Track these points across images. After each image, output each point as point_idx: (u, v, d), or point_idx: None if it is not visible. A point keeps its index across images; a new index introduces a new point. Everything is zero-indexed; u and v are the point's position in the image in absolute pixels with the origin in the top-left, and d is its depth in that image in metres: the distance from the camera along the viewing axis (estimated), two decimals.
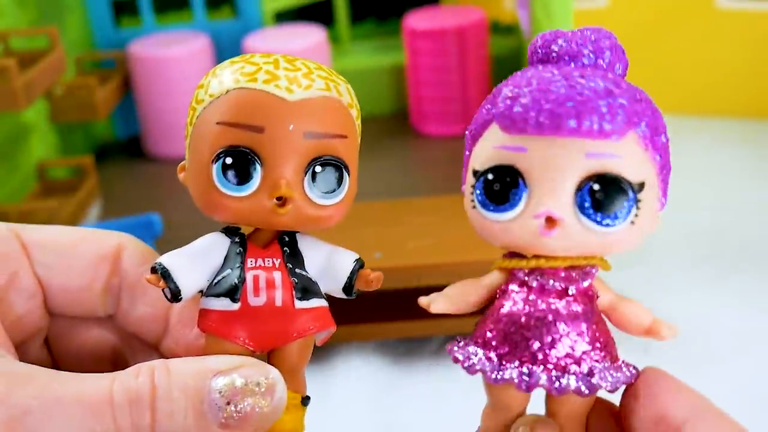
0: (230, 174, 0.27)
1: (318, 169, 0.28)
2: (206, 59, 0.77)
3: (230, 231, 0.29)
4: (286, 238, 0.29)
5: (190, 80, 0.76)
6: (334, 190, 0.28)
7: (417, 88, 0.78)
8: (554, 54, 0.28)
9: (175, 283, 0.28)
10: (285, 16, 0.87)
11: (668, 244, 0.65)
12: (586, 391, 0.26)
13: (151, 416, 0.25)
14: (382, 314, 0.55)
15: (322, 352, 0.55)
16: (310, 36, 0.76)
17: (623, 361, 0.28)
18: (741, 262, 0.62)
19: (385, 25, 0.92)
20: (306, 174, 0.28)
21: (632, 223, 0.26)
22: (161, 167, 0.77)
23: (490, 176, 0.27)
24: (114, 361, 0.33)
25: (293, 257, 0.29)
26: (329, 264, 0.30)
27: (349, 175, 0.28)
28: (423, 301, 0.29)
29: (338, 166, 0.28)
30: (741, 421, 0.28)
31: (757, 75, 0.80)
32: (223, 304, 0.28)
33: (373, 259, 0.53)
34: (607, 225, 0.26)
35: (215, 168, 0.28)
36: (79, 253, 0.31)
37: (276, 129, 0.27)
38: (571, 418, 0.28)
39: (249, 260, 0.29)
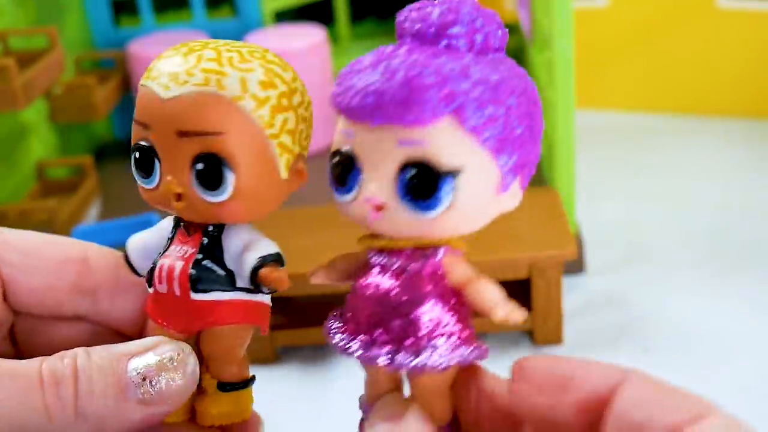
0: (138, 166, 0.30)
1: (199, 166, 0.28)
2: None
3: (176, 217, 0.31)
4: (210, 228, 0.30)
5: None
6: (218, 187, 0.28)
7: None
8: (402, 29, 0.27)
9: (131, 264, 0.31)
10: (285, 16, 0.87)
11: (669, 244, 0.64)
12: (420, 369, 0.27)
13: (74, 394, 0.27)
14: None
15: (322, 352, 0.55)
16: (310, 35, 0.76)
17: (478, 342, 0.29)
18: (742, 262, 0.61)
19: (385, 24, 0.92)
20: (192, 171, 0.28)
21: (450, 208, 0.26)
22: None
23: (335, 159, 0.28)
24: None
25: (210, 248, 0.29)
26: (240, 259, 0.29)
27: (232, 170, 0.28)
28: (308, 274, 0.30)
29: (217, 161, 0.28)
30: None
31: (758, 74, 0.80)
32: (149, 288, 0.31)
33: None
34: (425, 210, 0.26)
35: (132, 162, 0.30)
36: (43, 254, 0.33)
37: (156, 127, 0.28)
38: (428, 391, 0.29)
39: (171, 247, 0.30)
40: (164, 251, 0.30)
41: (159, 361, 0.29)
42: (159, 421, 0.29)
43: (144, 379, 0.28)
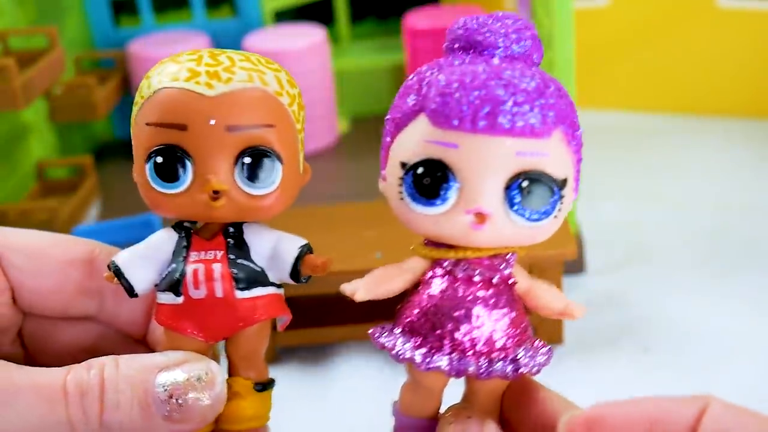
0: (161, 172, 0.29)
1: (247, 160, 0.28)
2: None
3: (179, 226, 0.30)
4: (231, 230, 0.30)
5: None
6: (265, 180, 0.28)
7: None
8: (477, 43, 0.28)
9: (127, 280, 0.30)
10: (285, 16, 0.87)
11: (669, 244, 0.64)
12: (512, 376, 0.28)
13: (99, 407, 0.27)
14: (382, 314, 0.55)
15: (322, 352, 0.55)
16: (310, 35, 0.76)
17: (540, 342, 0.29)
18: (742, 261, 0.61)
19: (386, 24, 0.92)
20: (236, 166, 0.28)
21: (555, 217, 0.27)
22: None
23: (420, 170, 0.27)
24: (90, 357, 0.33)
25: (237, 248, 0.30)
26: (275, 252, 0.30)
27: (281, 162, 0.28)
28: (347, 289, 0.29)
29: (267, 155, 0.28)
30: None
31: (759, 74, 0.80)
32: (169, 298, 0.30)
33: (374, 259, 0.52)
34: (536, 220, 0.27)
35: (148, 168, 0.29)
36: (49, 256, 0.32)
37: (198, 126, 0.28)
38: (492, 396, 0.29)
39: (192, 254, 0.29)
40: (183, 259, 0.29)
41: (187, 379, 0.28)
42: None
43: (171, 396, 0.28)
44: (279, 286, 0.30)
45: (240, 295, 0.29)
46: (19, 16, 0.70)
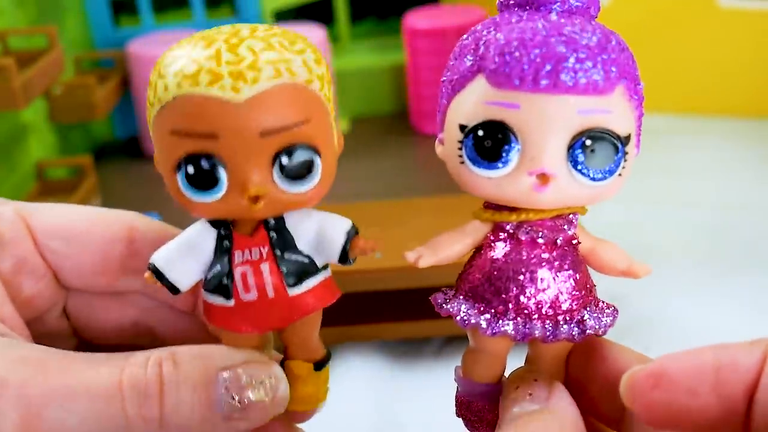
0: (195, 182, 0.26)
1: (284, 161, 0.26)
2: None
3: (216, 222, 0.29)
4: (272, 222, 0.28)
5: None
6: (305, 177, 0.27)
7: (417, 87, 0.77)
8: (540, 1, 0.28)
9: (168, 281, 0.29)
10: (285, 15, 0.87)
11: (670, 244, 0.64)
12: (579, 338, 0.27)
13: (159, 409, 0.26)
14: (382, 314, 0.55)
15: None
16: (310, 35, 0.76)
17: (604, 303, 0.29)
18: (743, 262, 0.61)
19: (385, 24, 0.91)
20: (274, 167, 0.26)
21: (620, 174, 0.27)
22: None
23: (480, 132, 0.27)
24: (136, 331, 0.34)
25: (281, 240, 0.28)
26: (321, 237, 0.29)
27: (320, 155, 0.27)
28: (411, 256, 0.29)
29: (306, 151, 0.27)
30: None
31: (760, 74, 0.80)
32: (219, 300, 0.29)
33: (374, 259, 0.52)
34: (600, 179, 0.26)
35: (179, 178, 0.27)
36: (87, 239, 0.32)
37: (229, 134, 0.26)
38: (557, 358, 0.29)
39: (236, 254, 0.28)
40: (228, 261, 0.28)
41: (248, 380, 0.27)
42: None
43: (232, 398, 0.27)
44: (326, 267, 0.29)
45: (292, 291, 0.28)
46: (18, 16, 0.70)
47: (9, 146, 0.68)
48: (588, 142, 0.26)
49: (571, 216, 0.28)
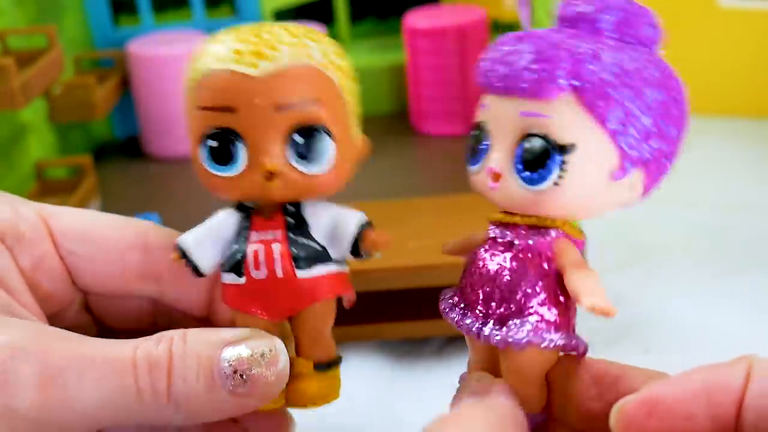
0: (216, 156, 0.28)
1: (298, 139, 0.28)
2: None
3: (240, 206, 0.30)
4: (290, 208, 0.29)
5: None
6: (319, 157, 0.28)
7: (417, 87, 0.77)
8: (572, 16, 0.28)
9: (192, 261, 0.30)
10: (284, 15, 0.87)
11: (669, 244, 0.64)
12: (500, 345, 0.27)
13: (167, 380, 0.28)
14: (383, 314, 0.55)
15: None
16: None
17: (574, 334, 0.29)
18: (743, 262, 0.61)
19: (385, 23, 0.91)
20: (288, 145, 0.28)
21: (556, 184, 0.26)
22: (160, 167, 0.77)
23: (472, 131, 0.29)
24: (156, 325, 0.35)
25: (297, 226, 0.29)
26: (335, 228, 0.30)
27: (332, 137, 0.28)
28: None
29: (318, 132, 0.28)
30: None
31: (760, 74, 0.80)
32: (232, 278, 0.30)
33: (374, 259, 0.52)
34: (531, 183, 0.27)
35: (202, 151, 0.29)
36: (104, 242, 0.33)
37: (247, 107, 0.28)
38: (522, 373, 0.28)
39: (253, 234, 0.30)
40: (244, 239, 0.30)
41: (251, 355, 0.29)
42: (251, 410, 0.29)
43: (235, 372, 0.29)
44: (342, 263, 0.30)
45: (300, 274, 0.29)
46: (18, 15, 0.70)
47: (8, 146, 0.67)
48: (526, 145, 0.26)
49: (552, 230, 0.28)
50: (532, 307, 0.28)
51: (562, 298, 0.28)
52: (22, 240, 0.32)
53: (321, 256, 0.29)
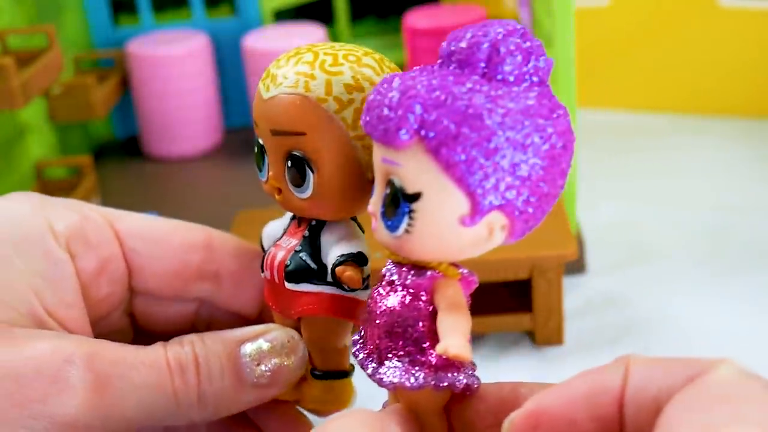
0: (256, 161, 0.31)
1: (288, 163, 0.30)
2: (205, 58, 0.77)
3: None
4: (313, 223, 0.31)
5: (188, 79, 0.76)
6: (302, 185, 0.30)
7: None
8: (447, 53, 0.27)
9: (264, 248, 0.33)
10: (284, 15, 0.87)
11: (670, 244, 0.64)
12: (387, 385, 0.28)
13: (196, 378, 0.30)
14: None
15: None
16: (310, 35, 0.75)
17: (463, 371, 0.28)
18: (742, 261, 0.61)
19: (386, 23, 0.91)
20: (284, 168, 0.30)
21: (407, 231, 0.26)
22: (160, 167, 0.77)
23: None
24: (193, 328, 0.36)
25: (310, 243, 0.31)
26: (327, 255, 0.31)
27: (313, 170, 0.29)
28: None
29: (299, 161, 0.29)
30: None
31: (759, 74, 0.80)
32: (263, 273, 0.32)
33: (373, 258, 0.52)
34: (390, 229, 0.27)
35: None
36: (168, 242, 0.34)
37: (260, 125, 0.30)
38: (413, 406, 0.28)
39: (283, 238, 0.32)
40: (278, 241, 0.32)
41: (271, 347, 0.31)
42: (272, 398, 0.31)
43: (257, 364, 0.30)
44: (343, 288, 0.31)
45: (287, 286, 0.31)
46: (17, 15, 0.70)
47: (8, 146, 0.67)
48: (387, 191, 0.27)
49: (425, 270, 0.28)
50: (409, 346, 0.28)
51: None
52: (89, 242, 0.33)
53: (312, 275, 0.31)
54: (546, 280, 0.52)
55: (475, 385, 0.28)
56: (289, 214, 0.33)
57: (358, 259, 0.30)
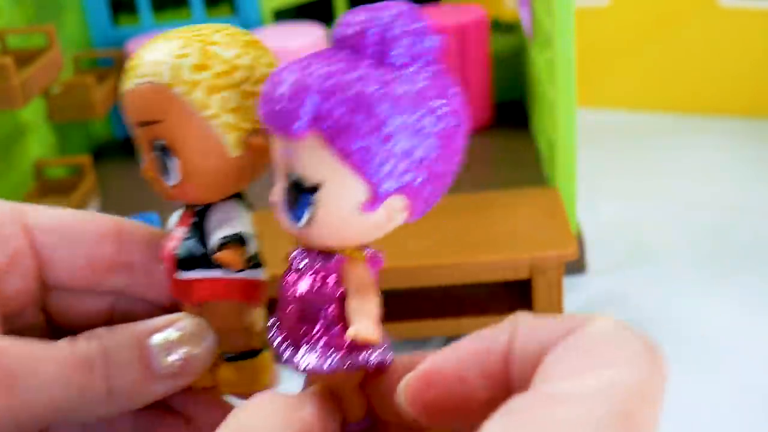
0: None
1: (155, 153, 0.30)
2: None
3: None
4: (198, 208, 0.31)
5: None
6: (169, 172, 0.30)
7: None
8: (339, 38, 0.27)
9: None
10: (284, 14, 0.87)
11: (670, 244, 0.64)
12: (303, 370, 0.28)
13: (105, 371, 0.30)
14: (383, 314, 0.55)
15: None
16: (310, 34, 0.75)
17: (373, 350, 0.29)
18: (743, 262, 0.61)
19: None
20: (152, 157, 0.30)
21: (310, 221, 0.27)
22: None
23: None
24: (110, 320, 0.35)
25: (196, 228, 0.31)
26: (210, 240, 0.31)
27: (174, 157, 0.30)
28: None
29: (160, 148, 0.30)
30: (743, 421, 0.27)
31: (760, 74, 0.80)
32: None
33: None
34: (293, 219, 0.27)
35: None
36: (80, 233, 0.34)
37: (127, 119, 0.31)
38: (331, 387, 0.29)
39: (176, 229, 0.32)
40: (173, 231, 0.32)
41: (180, 336, 0.30)
42: (183, 388, 0.31)
43: (167, 354, 0.30)
44: (231, 270, 0.31)
45: (180, 275, 0.31)
46: (17, 14, 0.70)
47: (7, 146, 0.67)
48: (288, 182, 0.27)
49: (335, 255, 0.28)
50: (321, 330, 0.29)
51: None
52: None
53: (202, 261, 0.31)
54: (546, 280, 0.52)
55: (389, 362, 0.29)
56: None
57: (238, 240, 0.30)
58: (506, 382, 0.24)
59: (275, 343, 0.29)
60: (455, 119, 0.27)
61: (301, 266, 0.29)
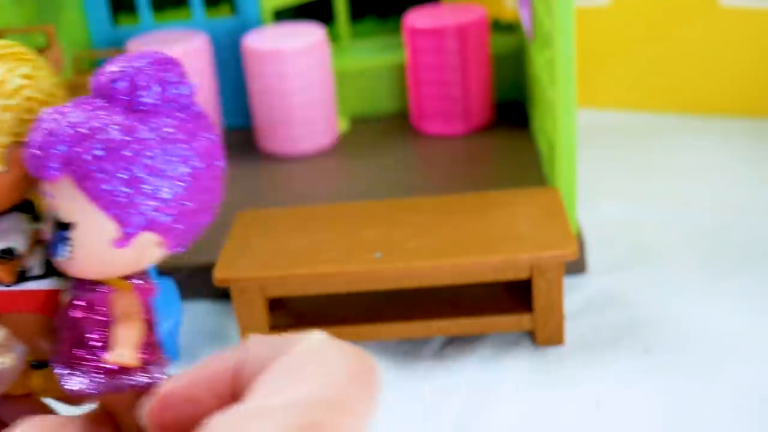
0: None
1: None
2: (205, 57, 0.77)
3: None
4: None
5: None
6: None
7: (417, 87, 0.77)
8: (95, 87, 0.30)
9: None
10: (284, 14, 0.87)
11: (670, 244, 0.64)
12: (73, 391, 0.31)
13: None
14: (382, 315, 0.55)
15: None
16: (310, 34, 0.75)
17: (143, 373, 0.31)
18: (742, 262, 0.61)
19: (386, 23, 0.91)
20: None
21: (69, 256, 0.30)
22: None
23: None
24: None
25: None
26: None
27: None
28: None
29: None
30: (742, 421, 0.27)
31: (760, 74, 0.80)
32: None
33: (373, 258, 0.52)
34: (54, 254, 0.30)
35: None
36: None
37: None
38: (109, 405, 0.32)
39: None
40: None
41: None
42: None
43: None
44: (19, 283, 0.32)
45: None
46: (17, 14, 0.70)
47: None
48: (49, 221, 0.30)
49: (103, 286, 0.31)
50: (90, 355, 0.31)
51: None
52: None
53: None
54: (546, 280, 0.52)
55: (159, 382, 0.31)
56: None
57: (7, 254, 0.32)
58: (236, 401, 0.25)
59: (56, 367, 0.31)
60: (203, 161, 0.29)
61: (74, 295, 0.31)
